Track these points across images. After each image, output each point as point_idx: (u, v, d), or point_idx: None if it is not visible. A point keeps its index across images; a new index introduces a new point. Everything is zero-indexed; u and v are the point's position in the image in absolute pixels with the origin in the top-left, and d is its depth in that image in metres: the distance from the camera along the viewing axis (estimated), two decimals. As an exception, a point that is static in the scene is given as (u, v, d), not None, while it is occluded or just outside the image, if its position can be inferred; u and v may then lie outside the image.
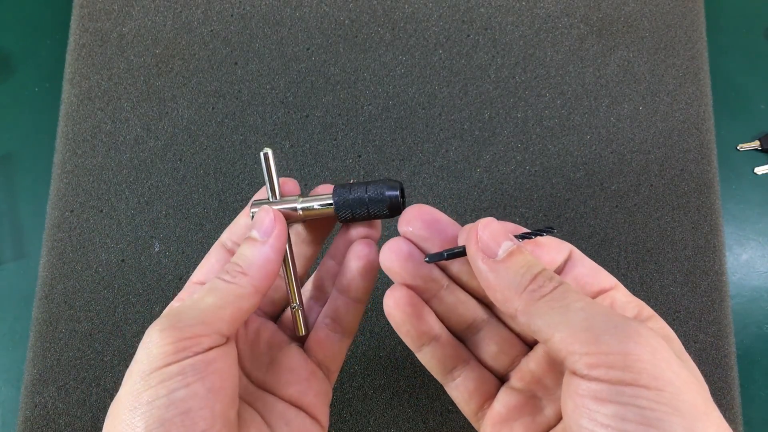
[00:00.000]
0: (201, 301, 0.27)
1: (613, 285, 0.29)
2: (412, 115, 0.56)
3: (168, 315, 0.26)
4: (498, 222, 0.27)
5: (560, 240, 0.30)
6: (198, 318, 0.26)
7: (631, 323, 0.22)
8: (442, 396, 0.51)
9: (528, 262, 0.26)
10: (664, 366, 0.21)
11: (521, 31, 0.58)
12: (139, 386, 0.24)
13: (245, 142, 0.55)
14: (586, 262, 0.29)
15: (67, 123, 0.56)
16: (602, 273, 0.29)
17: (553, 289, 0.24)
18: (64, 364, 0.51)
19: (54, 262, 0.53)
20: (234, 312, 0.27)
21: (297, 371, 0.32)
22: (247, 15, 0.58)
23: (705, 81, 0.58)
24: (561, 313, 0.23)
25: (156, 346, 0.25)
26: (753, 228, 0.58)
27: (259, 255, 0.29)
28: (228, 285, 0.28)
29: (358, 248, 0.31)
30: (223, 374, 0.26)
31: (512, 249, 0.26)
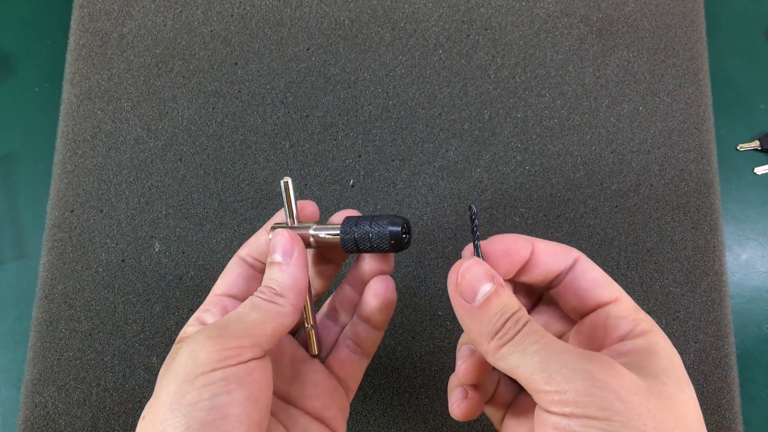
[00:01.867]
0: (246, 316, 0.29)
1: (612, 299, 0.30)
2: (412, 115, 0.56)
3: (216, 325, 0.28)
4: (479, 264, 0.28)
5: (567, 248, 0.31)
6: (244, 331, 0.28)
7: (581, 361, 0.24)
8: (442, 396, 0.51)
9: (502, 306, 0.27)
10: (612, 397, 0.23)
11: (521, 31, 0.58)
12: (184, 388, 0.25)
13: (245, 142, 0.55)
14: (588, 275, 0.30)
15: (67, 123, 0.56)
16: (603, 286, 0.30)
17: (515, 334, 0.26)
18: (64, 364, 0.51)
19: (54, 262, 0.53)
20: (275, 328, 0.29)
21: (320, 386, 0.34)
22: (247, 15, 0.58)
23: (705, 81, 0.58)
24: (519, 357, 0.25)
25: (203, 351, 0.26)
26: (753, 228, 0.58)
27: (288, 276, 0.30)
28: (269, 304, 0.30)
29: (375, 286, 0.33)
30: (260, 385, 0.27)
31: (489, 294, 0.27)
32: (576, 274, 0.30)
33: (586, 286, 0.30)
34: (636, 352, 0.27)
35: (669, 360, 0.27)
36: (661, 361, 0.26)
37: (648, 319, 0.29)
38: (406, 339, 0.51)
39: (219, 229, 0.54)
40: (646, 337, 0.28)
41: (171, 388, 0.26)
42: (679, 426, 0.24)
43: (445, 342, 0.52)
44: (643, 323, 0.28)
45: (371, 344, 0.35)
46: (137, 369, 0.51)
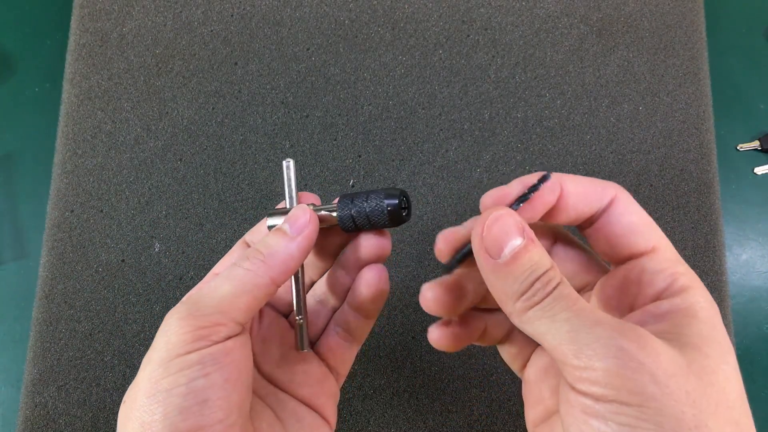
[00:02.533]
0: (218, 289, 0.27)
1: (649, 248, 0.26)
2: (412, 115, 0.56)
3: (186, 302, 0.27)
4: (508, 215, 0.25)
5: (603, 185, 0.27)
6: (215, 306, 0.26)
7: (615, 335, 0.21)
8: (442, 396, 0.51)
9: (532, 264, 0.24)
10: (647, 380, 0.20)
11: (521, 31, 0.58)
12: (159, 373, 0.24)
13: (245, 142, 0.55)
14: (625, 219, 0.26)
15: (67, 123, 0.56)
16: (639, 233, 0.26)
17: (545, 296, 0.23)
18: (64, 364, 0.51)
19: (54, 262, 0.53)
20: (249, 301, 0.27)
21: (310, 373, 0.32)
22: (247, 15, 0.58)
23: (705, 81, 0.58)
24: (547, 323, 0.23)
25: (175, 334, 0.25)
26: (753, 228, 0.58)
27: (284, 248, 0.28)
28: (245, 272, 0.27)
29: (368, 276, 0.31)
30: (239, 365, 0.26)
31: (518, 249, 0.24)
32: (610, 218, 0.27)
33: (620, 232, 0.26)
34: (673, 314, 0.24)
35: (710, 324, 0.23)
36: (702, 327, 0.23)
37: (689, 272, 0.25)
38: (406, 339, 0.51)
39: (219, 229, 0.54)
40: (685, 296, 0.24)
41: (147, 373, 0.25)
42: (720, 408, 0.21)
43: (445, 342, 0.52)
44: (683, 278, 0.25)
45: (361, 333, 0.34)
46: (137, 369, 0.51)
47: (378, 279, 0.31)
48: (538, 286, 0.24)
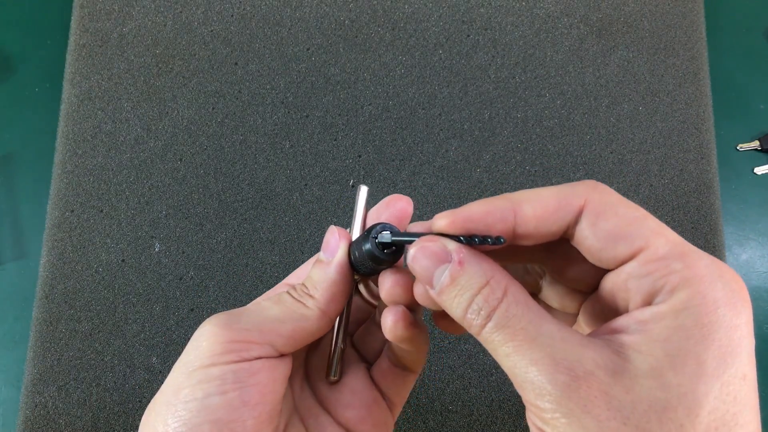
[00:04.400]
0: (265, 310, 0.26)
1: (635, 251, 0.22)
2: (412, 115, 0.56)
3: (229, 313, 0.26)
4: (429, 246, 0.23)
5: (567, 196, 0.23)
6: (256, 324, 0.25)
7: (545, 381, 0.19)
8: (442, 396, 0.51)
9: (462, 288, 0.22)
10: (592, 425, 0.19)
11: (521, 31, 0.58)
12: (181, 381, 0.24)
13: (245, 142, 0.55)
14: (600, 227, 0.22)
15: (67, 123, 0.56)
16: (619, 238, 0.22)
17: (482, 325, 0.21)
18: (64, 364, 0.51)
19: (54, 262, 0.53)
20: (294, 330, 0.26)
21: (359, 395, 0.29)
22: (247, 15, 0.58)
23: (705, 81, 0.58)
24: (495, 354, 0.21)
25: (206, 341, 0.24)
26: (753, 228, 0.58)
27: (324, 276, 0.27)
28: (294, 302, 0.27)
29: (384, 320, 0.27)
30: (264, 389, 0.24)
31: (444, 280, 0.22)
32: (583, 230, 0.23)
33: (597, 244, 0.22)
34: (656, 325, 0.20)
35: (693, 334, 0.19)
36: (676, 341, 0.19)
37: (691, 266, 0.20)
38: (406, 339, 0.51)
39: (219, 229, 0.54)
40: (676, 298, 0.20)
41: (171, 378, 0.24)
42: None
43: (445, 342, 0.52)
44: (674, 277, 0.20)
45: (412, 362, 0.30)
46: (137, 369, 0.51)
47: (393, 324, 0.26)
48: (474, 312, 0.22)
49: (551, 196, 0.23)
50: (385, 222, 0.27)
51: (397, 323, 0.26)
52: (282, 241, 0.54)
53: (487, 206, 0.23)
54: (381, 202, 0.29)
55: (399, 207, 0.28)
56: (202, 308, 0.52)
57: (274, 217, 0.54)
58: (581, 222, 0.23)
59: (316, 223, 0.54)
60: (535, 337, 0.20)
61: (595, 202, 0.23)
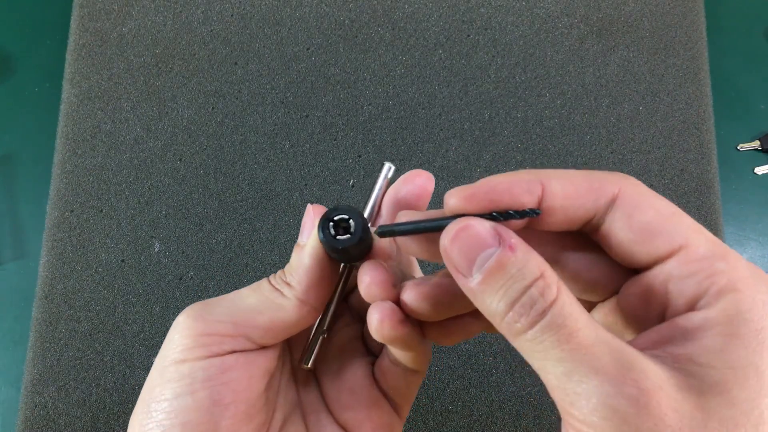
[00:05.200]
0: (242, 298, 0.24)
1: (675, 248, 0.20)
2: (412, 115, 0.56)
3: (204, 303, 0.24)
4: (474, 226, 0.20)
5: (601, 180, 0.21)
6: (230, 315, 0.23)
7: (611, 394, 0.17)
8: (441, 396, 0.51)
9: (511, 276, 0.19)
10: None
11: (521, 31, 0.58)
12: (155, 378, 0.23)
13: (245, 142, 0.55)
14: (636, 220, 0.20)
15: (67, 123, 0.56)
16: (657, 234, 0.20)
17: (533, 323, 0.18)
18: (64, 364, 0.51)
19: (54, 262, 0.53)
20: (272, 321, 0.24)
21: (359, 394, 0.27)
22: (247, 15, 0.58)
23: (705, 81, 0.58)
24: (540, 359, 0.19)
25: (178, 334, 0.23)
26: (753, 228, 0.58)
27: (299, 262, 0.24)
28: (272, 290, 0.24)
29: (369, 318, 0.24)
30: (237, 386, 0.23)
31: (490, 267, 0.19)
32: (615, 220, 0.20)
33: (631, 237, 0.20)
34: (705, 332, 0.18)
35: (754, 343, 0.18)
36: (739, 351, 0.18)
37: (734, 267, 0.19)
38: (406, 339, 0.51)
39: (219, 229, 0.54)
40: (726, 301, 0.18)
41: (151, 373, 0.23)
42: None
43: (445, 342, 0.52)
44: (722, 278, 0.19)
45: (414, 362, 0.26)
46: (137, 369, 0.51)
47: (378, 323, 0.23)
48: (524, 307, 0.19)
49: (583, 177, 0.21)
50: (349, 206, 0.23)
51: (383, 322, 0.23)
52: (282, 241, 0.54)
53: (511, 178, 0.20)
54: (399, 178, 0.26)
55: (418, 183, 0.25)
56: (202, 308, 0.52)
57: (274, 217, 0.54)
58: (614, 212, 0.20)
59: (316, 223, 0.54)
60: (594, 342, 0.18)
61: (632, 193, 0.21)
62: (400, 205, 0.26)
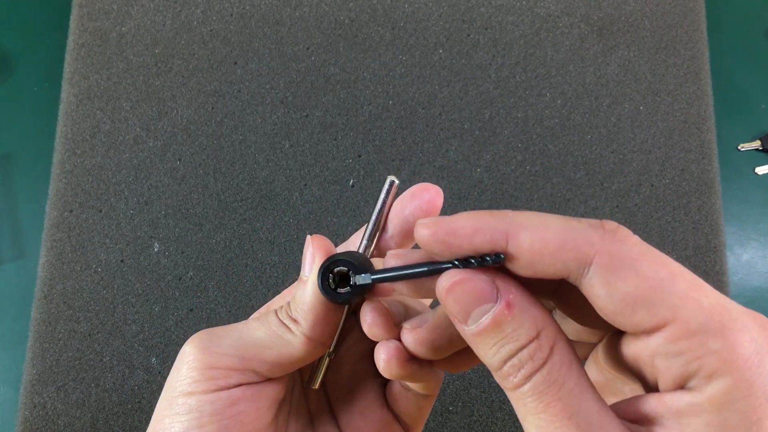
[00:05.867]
0: (250, 331, 0.24)
1: (659, 324, 0.18)
2: (412, 115, 0.56)
3: (211, 333, 0.24)
4: (470, 280, 0.19)
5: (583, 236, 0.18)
6: (238, 349, 0.23)
7: None
8: (441, 396, 0.51)
9: (505, 338, 0.19)
10: None
11: (521, 30, 0.58)
12: (163, 408, 0.23)
13: (245, 142, 0.55)
14: (617, 291, 0.18)
15: (66, 123, 0.56)
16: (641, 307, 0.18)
17: (521, 383, 0.18)
18: (63, 364, 0.51)
19: (53, 262, 0.53)
20: (280, 356, 0.24)
21: (370, 418, 0.27)
22: (246, 14, 0.58)
23: (706, 81, 0.58)
24: (521, 413, 0.19)
25: (186, 366, 0.23)
26: (754, 228, 0.58)
27: (303, 299, 0.24)
28: (279, 325, 0.24)
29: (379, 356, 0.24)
30: (245, 418, 0.23)
31: (486, 324, 0.19)
32: (593, 287, 0.18)
33: (610, 308, 0.18)
34: (691, 416, 0.17)
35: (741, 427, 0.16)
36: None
37: (732, 345, 0.17)
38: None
39: (218, 229, 0.54)
40: (716, 387, 0.17)
41: (160, 401, 0.23)
42: None
43: (446, 342, 0.52)
44: (711, 360, 0.17)
45: (426, 387, 0.26)
46: (136, 369, 0.51)
47: (386, 363, 0.23)
48: (514, 367, 0.18)
49: (556, 230, 0.18)
50: (351, 252, 0.23)
51: (390, 362, 0.22)
52: (282, 241, 0.53)
53: (476, 222, 0.19)
54: (406, 192, 0.25)
55: (426, 199, 0.24)
56: (202, 308, 0.52)
57: (273, 217, 0.54)
58: (591, 276, 0.18)
59: (316, 223, 0.54)
60: (572, 414, 0.17)
61: (611, 256, 0.18)
62: (408, 222, 0.25)
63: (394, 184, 0.25)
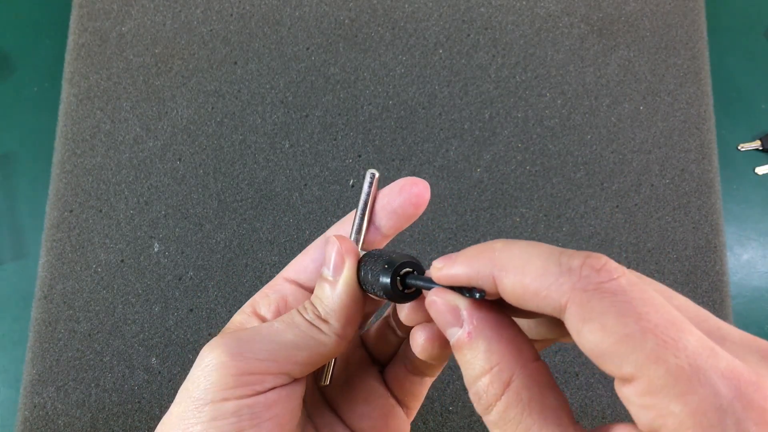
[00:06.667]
0: (278, 334, 0.24)
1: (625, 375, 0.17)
2: (412, 115, 0.56)
3: (238, 338, 0.24)
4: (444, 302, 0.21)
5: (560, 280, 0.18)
6: (270, 353, 0.23)
7: None
8: (442, 396, 0.51)
9: (466, 363, 0.20)
10: None
11: (521, 30, 0.58)
12: (191, 417, 0.23)
13: (245, 142, 0.55)
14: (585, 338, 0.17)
15: (66, 123, 0.56)
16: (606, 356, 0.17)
17: (483, 414, 0.19)
18: (63, 364, 0.51)
19: (53, 262, 0.53)
20: (312, 357, 0.24)
21: (375, 403, 0.28)
22: (246, 14, 0.58)
23: (706, 81, 0.58)
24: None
25: (217, 372, 0.23)
26: (754, 228, 0.58)
27: (336, 298, 0.24)
28: (309, 326, 0.24)
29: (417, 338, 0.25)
30: (281, 419, 0.23)
31: (453, 344, 0.20)
32: (570, 331, 0.19)
33: (587, 353, 0.19)
34: None
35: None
36: None
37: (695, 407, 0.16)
38: (406, 339, 0.51)
39: (218, 229, 0.54)
40: None
41: (180, 410, 0.23)
42: None
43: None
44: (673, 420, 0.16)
45: (432, 370, 0.28)
46: (136, 369, 0.51)
47: (427, 344, 0.24)
48: (476, 394, 0.20)
49: (534, 275, 0.19)
50: (412, 258, 0.24)
51: (431, 342, 0.24)
52: (282, 241, 0.53)
53: (468, 269, 0.20)
54: (393, 185, 0.26)
55: (414, 192, 0.26)
56: (202, 308, 0.52)
57: (273, 217, 0.54)
58: (567, 321, 0.18)
59: (315, 223, 0.54)
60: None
61: (580, 304, 0.18)
62: (396, 215, 0.26)
63: (375, 177, 0.26)
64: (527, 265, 0.19)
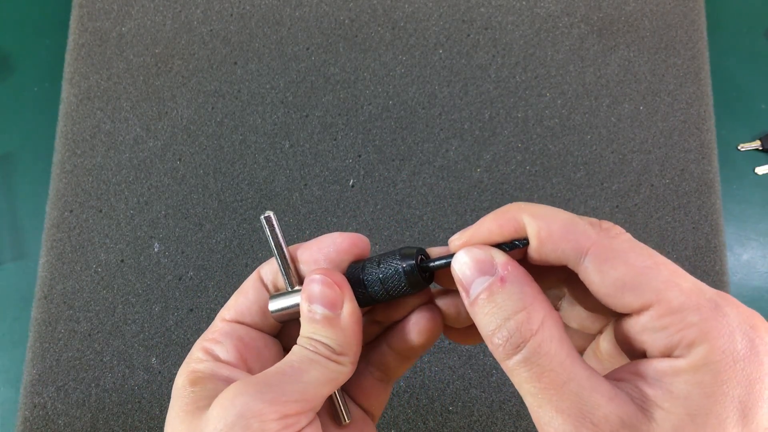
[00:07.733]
0: (304, 374, 0.25)
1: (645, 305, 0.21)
2: (412, 115, 0.56)
3: (268, 382, 0.24)
4: (476, 249, 0.23)
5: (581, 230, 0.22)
6: (301, 392, 0.24)
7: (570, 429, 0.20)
8: (441, 396, 0.51)
9: (496, 307, 0.22)
10: None
11: (521, 30, 0.58)
12: None
13: (245, 142, 0.55)
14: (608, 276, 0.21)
15: (66, 123, 0.56)
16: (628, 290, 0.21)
17: (512, 353, 0.21)
18: (63, 364, 0.51)
19: (53, 262, 0.53)
20: (332, 389, 0.25)
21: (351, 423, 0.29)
22: (246, 14, 0.58)
23: (705, 81, 0.58)
24: (517, 383, 0.21)
25: (259, 419, 0.23)
26: (754, 228, 0.58)
27: (346, 333, 0.25)
28: (328, 362, 0.25)
29: (422, 322, 0.27)
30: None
31: (482, 291, 0.22)
32: (588, 274, 0.22)
33: (603, 291, 0.22)
34: (675, 380, 0.20)
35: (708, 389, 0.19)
36: (703, 401, 0.19)
37: (707, 318, 0.20)
38: (406, 339, 0.51)
39: (218, 229, 0.54)
40: (695, 353, 0.20)
41: None
42: None
43: (445, 342, 0.52)
44: (691, 331, 0.20)
45: (400, 372, 0.30)
46: (136, 369, 0.51)
47: (434, 324, 0.27)
48: (505, 336, 0.21)
49: (561, 223, 0.22)
50: (407, 247, 0.26)
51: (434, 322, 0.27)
52: (282, 241, 0.53)
53: (493, 224, 0.23)
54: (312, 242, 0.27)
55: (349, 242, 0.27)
56: (202, 308, 0.52)
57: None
58: (587, 265, 0.22)
59: (316, 223, 0.54)
60: (564, 383, 0.20)
61: (603, 247, 0.22)
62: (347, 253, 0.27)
63: (270, 219, 0.27)
64: (555, 216, 0.22)
